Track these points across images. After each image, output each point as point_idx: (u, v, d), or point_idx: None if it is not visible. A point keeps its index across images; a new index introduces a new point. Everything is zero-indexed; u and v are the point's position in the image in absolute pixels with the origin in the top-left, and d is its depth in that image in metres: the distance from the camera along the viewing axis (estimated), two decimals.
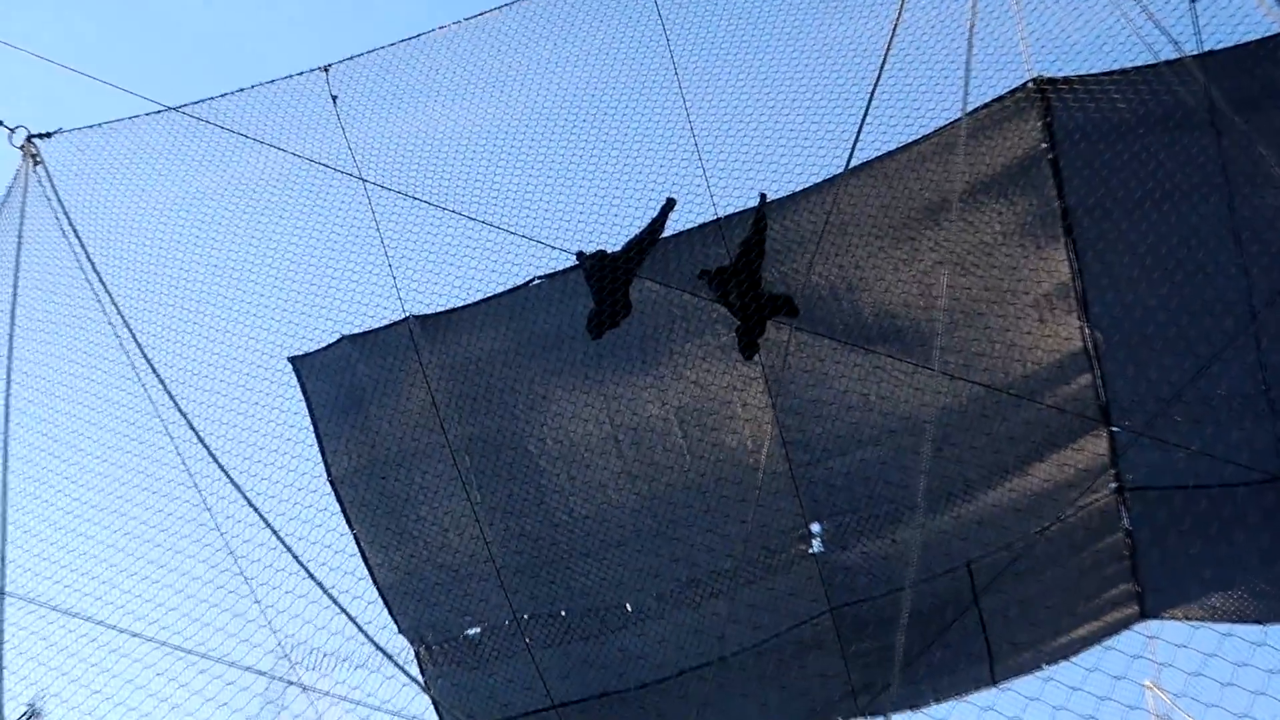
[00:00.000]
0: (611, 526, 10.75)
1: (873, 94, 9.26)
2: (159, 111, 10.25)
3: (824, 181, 9.91)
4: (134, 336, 10.13)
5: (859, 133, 9.34)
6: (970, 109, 9.51)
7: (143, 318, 10.30)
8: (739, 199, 10.17)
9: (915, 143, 9.97)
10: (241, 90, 10.13)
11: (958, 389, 10.25)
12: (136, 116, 10.30)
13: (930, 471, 9.65)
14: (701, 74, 10.07)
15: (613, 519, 10.75)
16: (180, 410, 10.00)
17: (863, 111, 9.31)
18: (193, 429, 9.92)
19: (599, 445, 10.63)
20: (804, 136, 9.92)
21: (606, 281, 9.78)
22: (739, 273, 9.90)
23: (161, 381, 10.04)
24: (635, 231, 10.17)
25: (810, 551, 10.86)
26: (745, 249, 9.99)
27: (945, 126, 9.84)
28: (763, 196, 10.18)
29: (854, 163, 9.78)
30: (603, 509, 10.74)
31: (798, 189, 10.08)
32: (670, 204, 10.10)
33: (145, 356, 10.08)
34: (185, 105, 10.19)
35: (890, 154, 10.03)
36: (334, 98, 10.24)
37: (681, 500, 10.67)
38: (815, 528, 10.83)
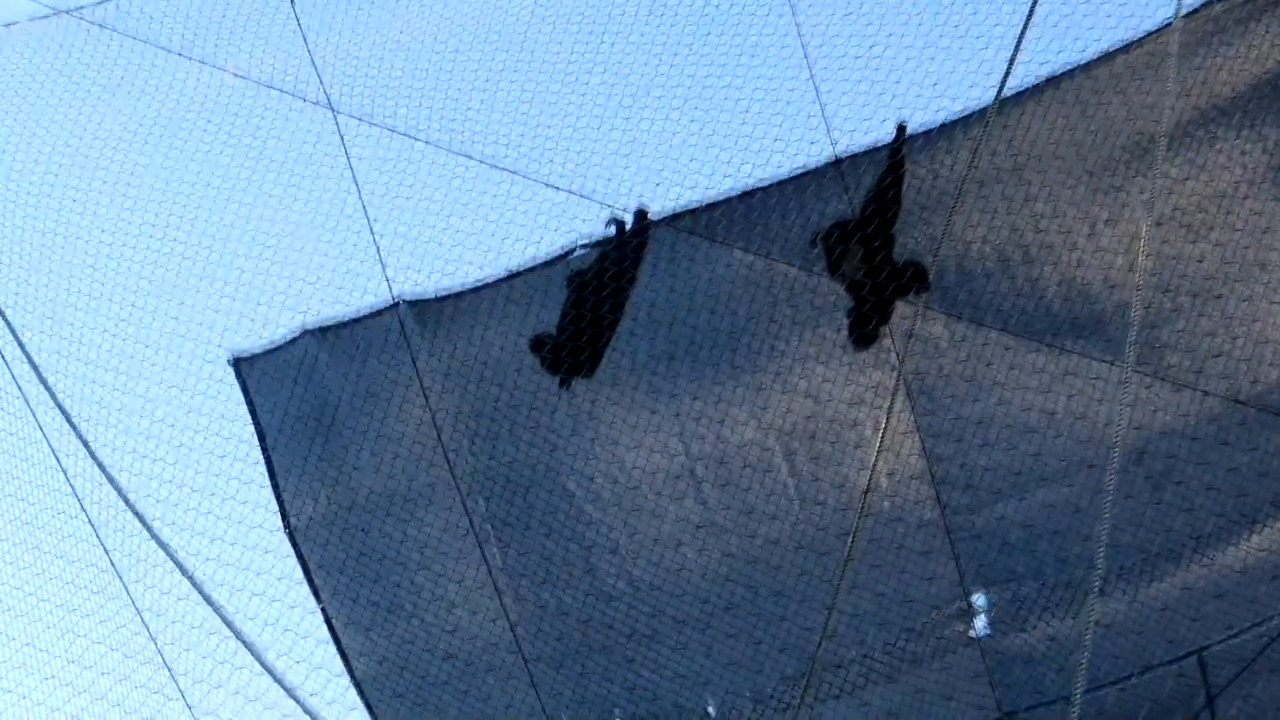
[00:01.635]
0: (688, 599, 9.83)
1: None
2: (47, 16, 9.70)
3: (988, 107, 8.79)
4: (13, 331, 9.25)
5: (1024, 30, 8.26)
6: (1197, 4, 8.68)
7: (24, 305, 9.48)
8: (868, 133, 9.21)
9: (1121, 51, 8.94)
10: None
11: (1184, 403, 9.22)
12: (13, 24, 9.72)
13: (1146, 522, 8.98)
14: None
15: (689, 589, 9.83)
16: (81, 437, 9.17)
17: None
18: (98, 463, 9.11)
19: (670, 484, 9.75)
20: (961, 45, 8.94)
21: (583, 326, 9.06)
22: (863, 228, 9.07)
23: (53, 395, 9.17)
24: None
25: (972, 634, 9.90)
26: (873, 200, 9.17)
27: (1161, 29, 8.79)
28: (900, 128, 9.15)
29: (1033, 80, 8.91)
30: (675, 575, 9.82)
31: (950, 118, 9.13)
32: (641, 216, 9.24)
33: (31, 360, 9.22)
34: (82, 7, 9.66)
35: (1084, 67, 9.00)
36: None
37: (787, 563, 9.70)
38: (979, 600, 9.88)
